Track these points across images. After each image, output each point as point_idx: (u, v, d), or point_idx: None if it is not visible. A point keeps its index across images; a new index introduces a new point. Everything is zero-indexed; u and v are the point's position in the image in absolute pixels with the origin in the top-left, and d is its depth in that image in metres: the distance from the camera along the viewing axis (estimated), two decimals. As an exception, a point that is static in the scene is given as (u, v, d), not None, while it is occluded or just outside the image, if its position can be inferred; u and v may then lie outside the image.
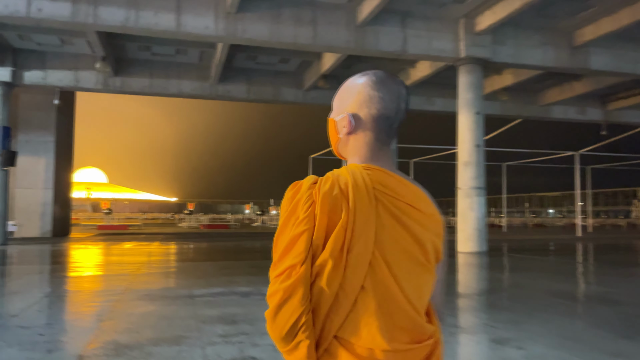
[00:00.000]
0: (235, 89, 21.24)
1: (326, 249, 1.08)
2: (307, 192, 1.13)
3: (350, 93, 1.24)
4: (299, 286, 1.05)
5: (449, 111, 23.89)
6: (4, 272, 10.44)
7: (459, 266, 12.41)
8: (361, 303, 1.09)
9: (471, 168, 16.18)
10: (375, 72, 1.25)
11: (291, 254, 1.08)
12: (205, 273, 9.94)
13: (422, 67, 19.92)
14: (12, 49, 18.72)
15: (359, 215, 1.10)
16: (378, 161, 1.22)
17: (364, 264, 1.09)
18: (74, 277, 9.41)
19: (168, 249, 16.82)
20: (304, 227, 1.09)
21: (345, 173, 1.17)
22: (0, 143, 18.23)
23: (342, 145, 1.27)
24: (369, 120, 1.21)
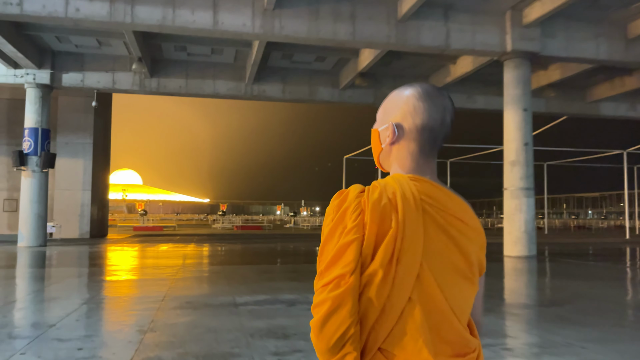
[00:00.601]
0: (270, 89, 20.90)
1: (376, 259, 1.06)
2: (355, 201, 1.10)
3: (395, 104, 1.23)
4: (349, 296, 1.02)
5: (491, 109, 23.02)
6: (43, 275, 10.29)
7: (509, 272, 11.66)
8: (408, 315, 1.06)
9: (519, 168, 15.34)
10: (421, 84, 1.24)
11: (340, 263, 1.05)
12: (245, 278, 9.53)
13: (464, 63, 19.12)
14: (50, 51, 18.87)
15: (409, 225, 1.08)
16: (422, 172, 1.20)
17: (412, 276, 1.07)
18: (113, 282, 9.14)
19: (204, 251, 16.57)
20: (353, 236, 1.06)
21: (392, 183, 1.15)
22: (40, 145, 18.38)
23: (385, 155, 1.26)
24: (413, 130, 1.19)
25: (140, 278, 9.59)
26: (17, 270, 11.19)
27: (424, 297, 1.08)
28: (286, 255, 15.54)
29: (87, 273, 10.59)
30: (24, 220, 18.18)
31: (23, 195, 18.40)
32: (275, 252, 16.87)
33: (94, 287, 8.44)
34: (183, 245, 19.42)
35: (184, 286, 8.42)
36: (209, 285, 8.44)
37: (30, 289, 8.38)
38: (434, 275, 1.09)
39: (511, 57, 15.61)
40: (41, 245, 18.21)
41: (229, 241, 22.34)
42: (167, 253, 15.76)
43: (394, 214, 1.09)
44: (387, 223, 1.08)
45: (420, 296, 1.07)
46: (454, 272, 1.12)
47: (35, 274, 10.49)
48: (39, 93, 18.64)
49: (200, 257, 14.77)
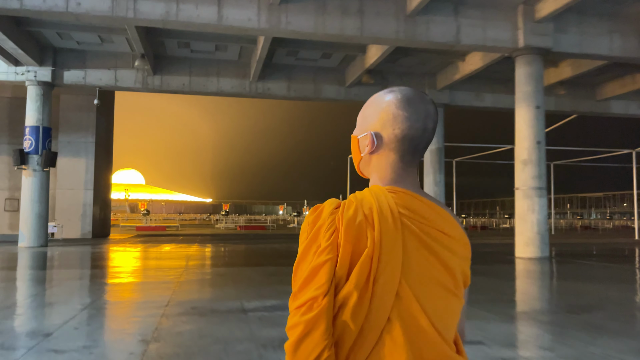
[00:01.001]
0: (275, 87, 20.53)
1: (350, 280, 1.01)
2: (329, 218, 1.05)
3: (374, 111, 1.16)
4: (321, 319, 0.98)
5: (499, 107, 22.62)
6: (43, 278, 9.94)
7: (524, 274, 11.27)
8: (387, 336, 1.01)
9: (531, 167, 14.93)
10: (402, 88, 1.16)
11: (312, 284, 1.00)
12: (252, 280, 9.16)
13: (473, 59, 18.72)
14: (52, 48, 18.54)
15: (385, 243, 1.02)
16: (402, 183, 1.14)
17: (391, 295, 1.01)
18: (114, 285, 8.79)
19: (208, 252, 16.21)
20: (326, 256, 1.01)
21: (369, 197, 1.09)
22: (41, 144, 18.05)
23: (364, 164, 1.20)
24: (392, 140, 1.13)
25: (143, 281, 9.23)
26: (16, 272, 10.85)
27: (405, 316, 1.02)
28: (292, 257, 15.16)
29: (89, 275, 10.23)
30: (24, 220, 17.85)
31: (24, 195, 18.08)
32: (281, 253, 16.50)
33: (95, 291, 8.08)
34: (186, 245, 19.06)
35: (189, 290, 8.06)
36: (215, 289, 8.08)
37: (28, 292, 8.03)
38: (414, 292, 1.03)
39: (523, 53, 15.21)
40: (42, 245, 17.89)
41: (232, 241, 21.98)
42: (170, 254, 15.41)
43: (370, 231, 1.03)
44: (362, 241, 1.03)
45: (400, 315, 1.02)
46: (436, 288, 1.06)
47: (35, 276, 10.14)
48: (40, 91, 18.31)
49: (205, 259, 14.41)
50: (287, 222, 58.07)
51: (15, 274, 10.31)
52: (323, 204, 1.11)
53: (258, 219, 55.25)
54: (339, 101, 21.52)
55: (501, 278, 10.57)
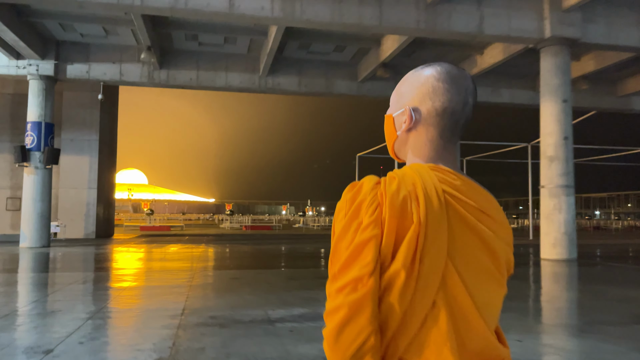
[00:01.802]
0: (285, 81, 19.79)
1: (397, 259, 0.93)
2: (371, 193, 0.97)
3: (411, 85, 1.09)
4: (367, 301, 0.90)
5: (516, 103, 21.89)
6: (45, 281, 9.23)
7: (555, 277, 10.51)
8: (431, 321, 0.94)
9: (558, 164, 14.17)
10: (441, 63, 1.10)
11: (357, 264, 0.92)
12: (271, 285, 8.43)
13: (493, 52, 17.95)
14: (54, 41, 17.84)
15: (431, 221, 0.95)
16: (443, 161, 1.07)
17: (437, 277, 0.94)
18: (122, 290, 8.07)
19: (217, 253, 15.48)
20: (371, 232, 0.93)
21: (411, 173, 1.02)
22: (43, 140, 17.36)
23: (401, 143, 1.12)
24: (432, 114, 1.06)
25: (152, 285, 8.51)
26: (16, 274, 10.14)
27: (450, 300, 0.94)
28: (307, 258, 14.43)
29: (93, 279, 9.51)
30: (26, 219, 17.16)
31: (25, 194, 17.39)
32: (294, 254, 15.76)
33: (101, 297, 7.36)
34: (193, 246, 18.35)
35: (203, 295, 7.32)
36: (233, 295, 7.34)
37: (28, 298, 7.32)
38: (460, 275, 0.95)
39: (549, 44, 14.44)
40: (44, 246, 17.20)
41: (240, 242, 21.25)
42: (178, 255, 14.69)
43: (415, 207, 0.96)
44: (407, 218, 0.95)
45: (445, 300, 0.94)
46: (482, 273, 0.98)
47: (36, 279, 9.43)
48: (43, 85, 17.62)
49: (215, 260, 13.68)
50: (292, 222, 57.37)
51: (14, 277, 9.60)
52: (360, 180, 1.01)
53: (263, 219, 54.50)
54: (351, 96, 20.77)
55: (537, 282, 9.82)
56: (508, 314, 6.02)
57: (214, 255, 14.85)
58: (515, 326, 5.41)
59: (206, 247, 18.05)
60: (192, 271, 10.50)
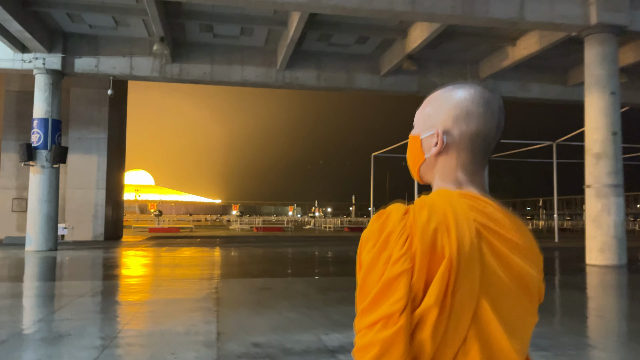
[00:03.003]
0: (304, 76, 18.76)
1: (430, 294, 0.88)
2: (400, 224, 0.92)
3: (441, 107, 1.04)
4: (400, 339, 0.86)
5: (546, 98, 20.78)
6: (52, 293, 8.23)
7: (614, 287, 9.40)
8: (462, 357, 0.89)
9: (606, 161, 13.05)
10: (469, 84, 1.06)
11: (388, 299, 0.87)
12: (310, 298, 7.39)
13: (527, 43, 16.83)
14: (62, 33, 16.90)
15: (463, 253, 0.90)
16: (472, 186, 1.02)
17: (469, 312, 0.90)
18: (139, 304, 7.05)
19: (235, 257, 14.44)
20: (402, 267, 0.88)
21: (440, 201, 0.96)
22: (50, 138, 16.41)
23: (427, 167, 1.07)
24: (465, 138, 1.02)
25: (173, 297, 7.49)
26: (21, 284, 9.16)
27: (483, 336, 0.90)
28: (335, 264, 13.37)
29: (105, 290, 8.51)
30: (32, 221, 16.22)
31: (31, 194, 16.45)
32: (318, 258, 14.71)
33: (117, 315, 6.35)
34: (208, 249, 17.35)
35: (236, 312, 6.28)
36: (270, 312, 6.30)
37: (32, 317, 6.31)
38: (493, 309, 0.91)
39: (595, 31, 13.33)
40: (51, 249, 16.25)
41: (255, 244, 20.23)
42: (194, 260, 13.69)
43: (447, 240, 0.91)
44: (438, 251, 0.90)
45: (477, 335, 0.90)
46: (514, 304, 0.94)
47: (42, 290, 8.43)
48: (49, 80, 16.67)
49: (235, 265, 12.65)
50: (302, 223, 56.36)
51: (18, 288, 8.61)
52: (387, 208, 0.97)
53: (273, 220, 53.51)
54: (373, 91, 19.73)
55: (593, 292, 8.73)
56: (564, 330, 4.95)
57: (233, 260, 13.82)
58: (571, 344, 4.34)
59: (221, 250, 17.04)
60: (215, 279, 9.48)
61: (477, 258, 0.92)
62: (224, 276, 10.16)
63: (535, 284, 0.98)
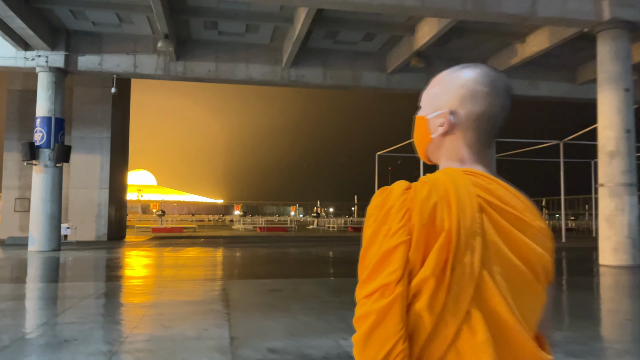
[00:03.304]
0: (309, 74, 18.51)
1: (426, 266, 0.89)
2: (400, 198, 0.93)
3: (448, 87, 1.05)
4: (395, 308, 0.87)
5: (555, 96, 20.49)
6: (54, 294, 8.00)
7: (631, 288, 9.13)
8: (466, 332, 0.89)
9: (620, 160, 12.78)
10: (478, 64, 1.06)
11: (385, 270, 0.89)
12: (323, 300, 7.14)
13: (537, 40, 16.55)
14: (65, 30, 16.68)
15: (464, 228, 0.91)
16: (479, 165, 1.03)
17: (470, 285, 0.89)
18: (146, 307, 6.81)
19: (241, 258, 14.20)
20: (399, 239, 0.90)
21: (444, 178, 0.97)
22: (53, 136, 16.20)
23: (434, 147, 1.08)
24: (471, 118, 1.02)
25: (181, 299, 7.24)
26: (23, 285, 8.93)
27: (486, 309, 0.90)
28: (343, 264, 13.13)
29: (110, 291, 8.27)
30: (35, 221, 16.01)
31: (34, 194, 16.23)
32: (325, 258, 14.47)
33: (123, 318, 6.11)
34: (212, 250, 17.12)
35: (248, 315, 6.04)
36: (283, 315, 6.05)
37: (35, 320, 6.08)
38: (496, 285, 0.91)
39: (608, 27, 13.06)
40: (54, 249, 16.03)
41: (259, 245, 19.99)
42: (199, 260, 13.46)
43: (447, 213, 0.91)
44: (438, 224, 0.91)
45: (481, 309, 0.89)
46: (518, 281, 0.93)
47: (45, 292, 8.20)
48: (52, 78, 16.45)
49: (241, 266, 12.40)
50: (304, 223, 56.11)
51: (21, 289, 8.38)
52: (391, 185, 0.98)
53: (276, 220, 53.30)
54: (379, 89, 19.48)
55: (620, 295, 8.46)
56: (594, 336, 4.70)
57: (239, 260, 13.58)
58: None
59: (226, 250, 16.80)
60: (222, 280, 9.24)
61: (479, 233, 0.91)
62: (231, 277, 9.91)
63: (542, 261, 0.96)
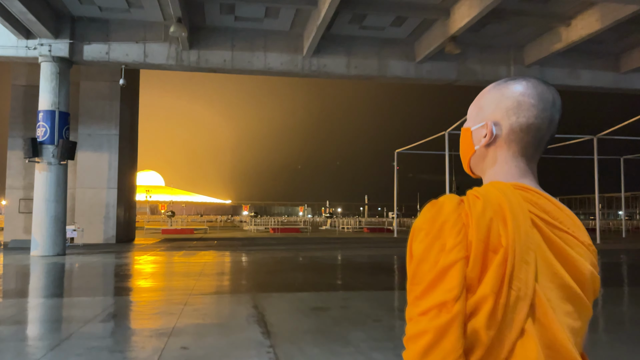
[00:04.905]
0: (332, 63, 17.13)
1: (485, 283, 0.86)
2: (454, 213, 0.91)
3: (494, 99, 1.04)
4: (454, 327, 0.83)
5: (597, 86, 18.96)
6: (53, 316, 6.66)
7: None
8: (520, 350, 0.86)
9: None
10: (526, 77, 1.04)
11: (441, 287, 0.86)
12: (386, 325, 5.73)
13: (585, 22, 15.05)
14: (70, 17, 15.42)
15: (519, 244, 0.89)
16: (525, 179, 1.01)
17: (526, 304, 0.88)
18: (165, 336, 5.46)
19: (264, 264, 12.81)
20: (456, 255, 0.87)
21: (495, 192, 0.94)
22: (57, 132, 14.93)
23: (478, 158, 1.07)
24: (516, 130, 1.01)
25: (207, 323, 5.87)
26: (20, 301, 7.61)
27: (540, 328, 0.88)
28: (384, 271, 11.70)
29: (121, 310, 6.93)
30: (38, 223, 14.75)
31: (37, 194, 14.98)
32: (358, 265, 13.06)
33: (137, 355, 4.76)
34: (229, 253, 15.78)
35: (301, 353, 4.65)
36: (347, 349, 4.66)
37: (34, 348, 4.73)
38: (549, 302, 0.89)
39: (676, 3, 11.59)
40: (59, 254, 14.77)
41: (277, 247, 18.63)
42: (217, 266, 12.12)
43: (503, 229, 0.89)
44: (494, 240, 0.89)
45: (535, 327, 0.88)
46: (570, 298, 0.91)
47: (44, 311, 6.87)
48: (56, 68, 15.19)
49: (266, 274, 11.01)
50: (316, 224, 54.70)
51: (15, 308, 7.05)
52: (440, 198, 0.95)
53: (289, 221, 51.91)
54: (407, 79, 18.04)
55: None
56: None
57: (261, 267, 12.20)
58: None
59: (244, 254, 15.46)
60: (250, 293, 7.88)
61: (533, 248, 0.89)
62: (259, 288, 8.54)
63: (590, 277, 0.93)
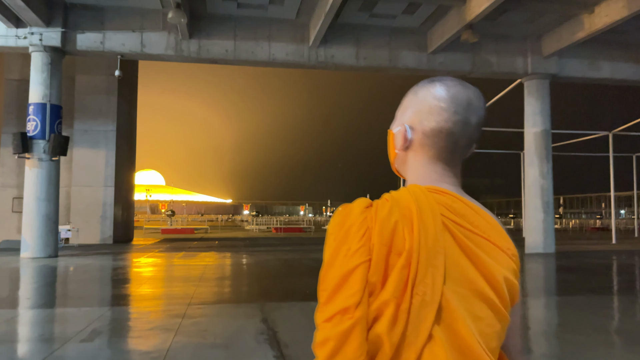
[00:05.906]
0: (340, 53, 16.21)
1: (386, 288, 0.86)
2: (360, 217, 0.89)
3: (412, 101, 1.03)
4: (355, 333, 0.83)
5: (618, 79, 18.04)
6: (36, 333, 5.76)
7: None
8: (428, 356, 0.85)
9: None
10: (442, 78, 1.02)
11: (343, 293, 0.85)
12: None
13: (611, 9, 14.12)
14: (62, 4, 14.50)
15: (425, 248, 0.87)
16: (442, 183, 0.99)
17: (432, 309, 0.86)
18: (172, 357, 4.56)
19: (272, 267, 11.90)
20: (358, 259, 0.86)
21: (406, 195, 0.93)
22: (49, 126, 14.03)
23: (400, 161, 1.06)
24: (428, 134, 0.99)
25: (209, 342, 4.98)
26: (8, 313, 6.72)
27: (449, 333, 0.86)
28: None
29: (112, 325, 6.03)
30: (28, 223, 13.86)
31: (27, 192, 14.09)
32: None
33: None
34: (230, 255, 14.89)
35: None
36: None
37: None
38: (459, 307, 0.87)
39: None
40: (50, 255, 13.86)
41: (282, 248, 17.74)
42: (218, 270, 11.22)
43: (408, 232, 0.88)
44: (398, 244, 0.87)
45: (444, 332, 0.86)
46: (481, 303, 0.89)
47: (28, 327, 5.97)
48: (47, 58, 14.28)
49: (273, 278, 10.12)
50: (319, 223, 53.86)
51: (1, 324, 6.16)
52: (352, 203, 0.93)
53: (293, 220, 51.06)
54: (419, 71, 17.10)
55: None
56: None
57: (267, 270, 11.31)
58: None
59: (247, 256, 14.56)
60: (257, 302, 6.99)
61: (441, 253, 0.88)
62: (267, 296, 7.65)
63: (505, 283, 0.92)
